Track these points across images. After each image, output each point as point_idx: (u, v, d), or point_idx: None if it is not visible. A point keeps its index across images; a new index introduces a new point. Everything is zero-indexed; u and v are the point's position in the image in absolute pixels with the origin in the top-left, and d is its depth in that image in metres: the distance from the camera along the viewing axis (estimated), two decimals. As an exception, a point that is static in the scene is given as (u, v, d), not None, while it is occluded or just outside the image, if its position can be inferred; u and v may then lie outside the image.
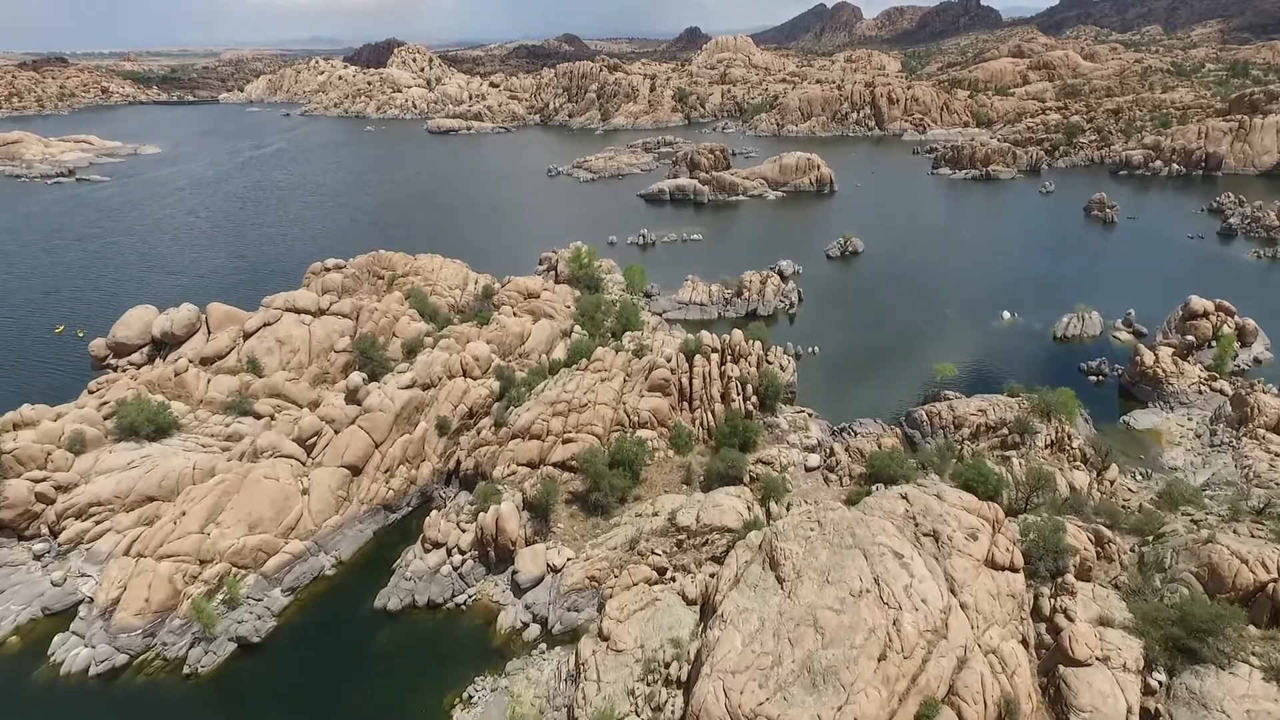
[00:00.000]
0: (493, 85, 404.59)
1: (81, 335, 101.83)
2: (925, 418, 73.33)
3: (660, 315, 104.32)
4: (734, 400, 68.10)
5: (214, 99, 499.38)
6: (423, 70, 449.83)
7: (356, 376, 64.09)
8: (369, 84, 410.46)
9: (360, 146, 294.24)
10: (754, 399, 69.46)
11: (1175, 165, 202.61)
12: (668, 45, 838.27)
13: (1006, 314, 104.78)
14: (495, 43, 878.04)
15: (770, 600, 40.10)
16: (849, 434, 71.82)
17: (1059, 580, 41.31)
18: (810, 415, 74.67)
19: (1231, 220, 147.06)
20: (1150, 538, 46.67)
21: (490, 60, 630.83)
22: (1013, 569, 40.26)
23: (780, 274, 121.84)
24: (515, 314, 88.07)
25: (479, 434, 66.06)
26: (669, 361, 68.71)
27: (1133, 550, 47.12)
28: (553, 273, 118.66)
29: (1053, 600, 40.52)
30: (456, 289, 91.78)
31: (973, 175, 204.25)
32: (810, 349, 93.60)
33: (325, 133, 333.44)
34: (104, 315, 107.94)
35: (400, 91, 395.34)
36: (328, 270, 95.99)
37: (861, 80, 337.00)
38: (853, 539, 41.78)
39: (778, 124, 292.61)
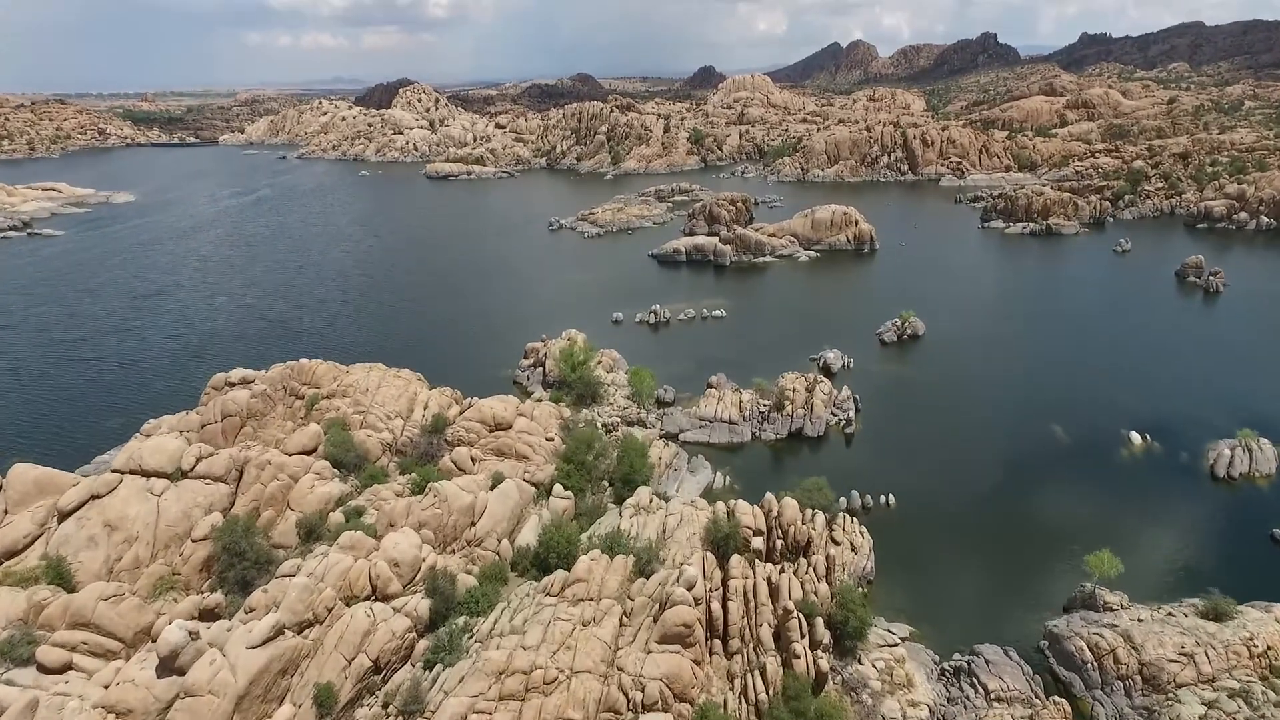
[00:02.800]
0: (499, 127, 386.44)
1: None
2: (1088, 655, 47.36)
3: (677, 438, 79.30)
4: (796, 649, 42.44)
5: (214, 140, 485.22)
6: (428, 111, 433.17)
7: (175, 631, 38.97)
8: (369, 125, 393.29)
9: (350, 193, 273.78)
10: (826, 639, 43.84)
11: (1264, 217, 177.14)
12: (681, 84, 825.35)
13: (1135, 436, 78.74)
14: (510, 82, 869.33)
15: None
16: (974, 687, 45.88)
17: None
18: (906, 640, 48.99)
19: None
20: None
21: (502, 99, 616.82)
22: None
23: (827, 369, 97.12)
24: (475, 456, 63.27)
25: (385, 712, 40.67)
26: (692, 588, 43.25)
27: None
28: (540, 369, 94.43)
29: None
30: (397, 417, 67.15)
31: (1031, 229, 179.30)
32: (882, 498, 67.94)
33: (317, 177, 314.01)
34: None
35: (401, 133, 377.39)
36: (231, 386, 71.93)
37: (887, 120, 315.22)
38: None
39: (802, 168, 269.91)
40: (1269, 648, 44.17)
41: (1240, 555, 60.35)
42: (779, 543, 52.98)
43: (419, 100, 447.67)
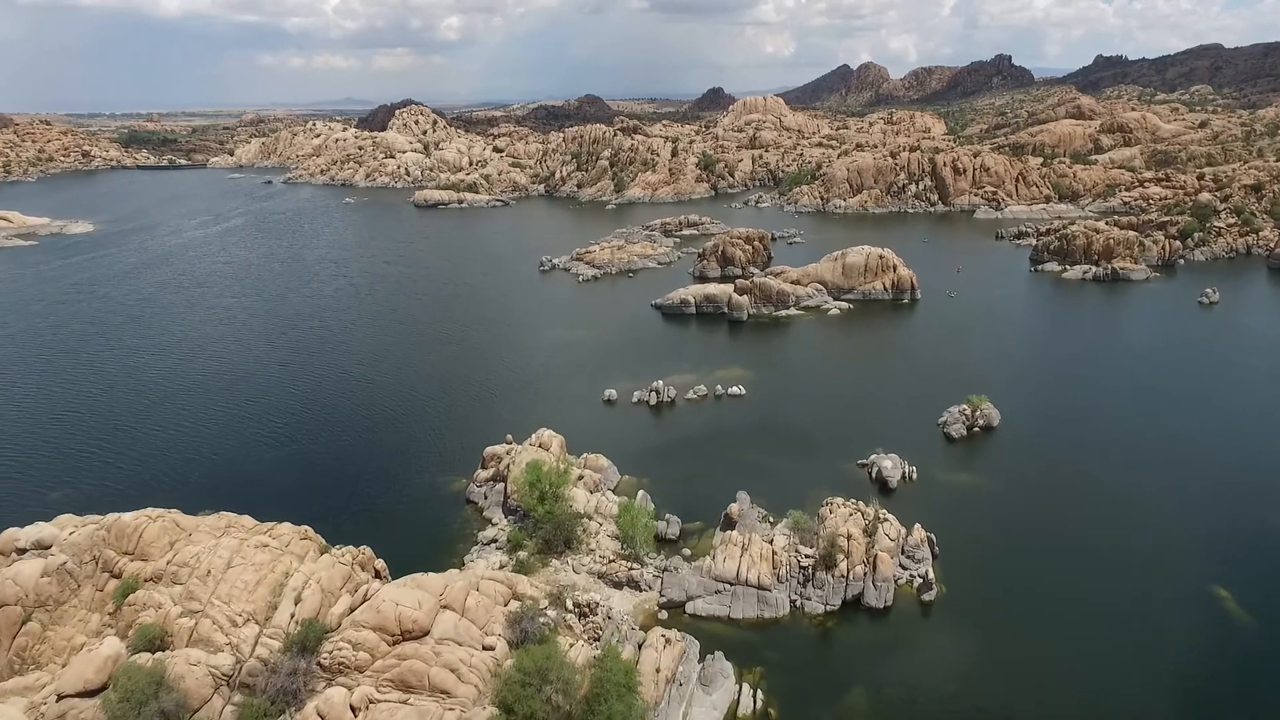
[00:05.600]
0: (496, 150, 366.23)
1: None
2: None
3: (684, 609, 55.57)
4: None
5: (204, 163, 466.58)
6: (424, 133, 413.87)
7: None
8: (360, 149, 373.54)
9: (329, 223, 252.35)
10: None
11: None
12: (689, 106, 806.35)
13: (1346, 613, 54.66)
14: (518, 103, 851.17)
15: None
16: None
17: None
18: None
19: None
20: None
21: (507, 120, 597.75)
22: None
23: (883, 483, 73.33)
24: (362, 700, 39.62)
25: None
26: None
27: None
28: (500, 485, 71.01)
29: None
30: (250, 621, 43.52)
31: (1093, 274, 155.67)
32: (1001, 745, 43.95)
33: (299, 204, 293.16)
34: None
35: (393, 157, 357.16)
36: (20, 554, 48.59)
37: (908, 144, 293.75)
38: None
39: (822, 197, 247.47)
40: None
41: None
42: None
43: (415, 122, 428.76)
